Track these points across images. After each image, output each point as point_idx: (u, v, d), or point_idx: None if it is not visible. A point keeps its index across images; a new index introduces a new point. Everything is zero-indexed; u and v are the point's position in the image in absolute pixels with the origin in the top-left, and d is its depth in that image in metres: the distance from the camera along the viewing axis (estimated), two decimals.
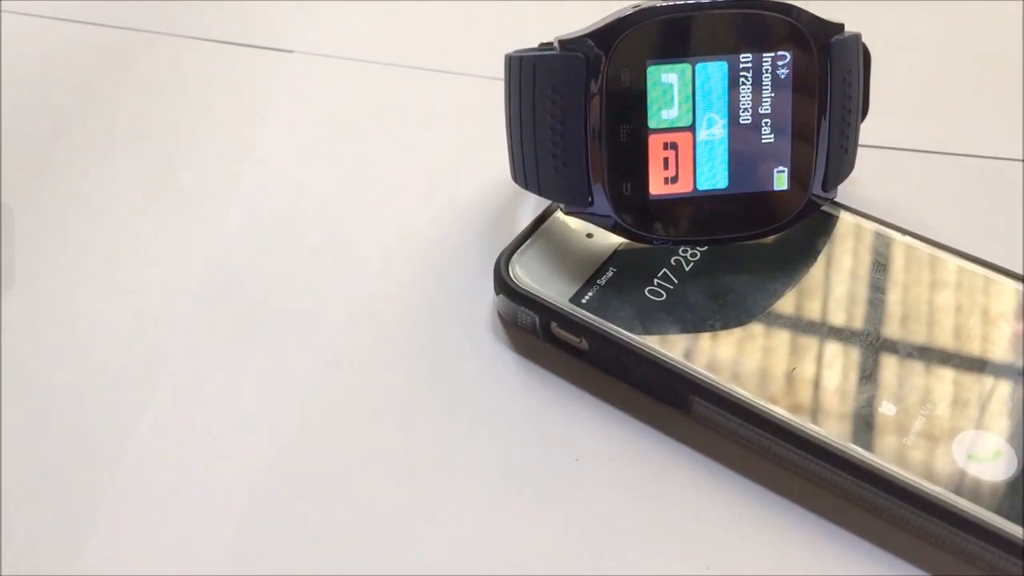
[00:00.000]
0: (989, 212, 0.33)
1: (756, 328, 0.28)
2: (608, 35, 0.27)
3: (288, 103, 0.37)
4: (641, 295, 0.28)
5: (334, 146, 0.36)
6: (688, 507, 0.26)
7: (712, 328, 0.28)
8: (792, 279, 0.29)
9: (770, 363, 0.27)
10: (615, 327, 0.27)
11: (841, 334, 0.27)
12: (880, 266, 0.29)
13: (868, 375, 0.26)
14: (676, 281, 0.29)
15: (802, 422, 0.25)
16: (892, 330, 0.28)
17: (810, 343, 0.27)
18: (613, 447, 0.27)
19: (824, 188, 0.29)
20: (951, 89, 0.38)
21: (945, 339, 0.27)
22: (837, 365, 0.27)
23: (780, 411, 0.26)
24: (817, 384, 0.26)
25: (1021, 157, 0.35)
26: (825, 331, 0.28)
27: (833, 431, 0.25)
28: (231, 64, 0.39)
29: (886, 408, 0.26)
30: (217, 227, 0.33)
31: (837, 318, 0.28)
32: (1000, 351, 0.27)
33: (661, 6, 0.27)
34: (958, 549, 0.24)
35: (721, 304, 0.28)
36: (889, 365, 0.27)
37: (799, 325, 0.28)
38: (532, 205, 0.32)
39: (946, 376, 0.26)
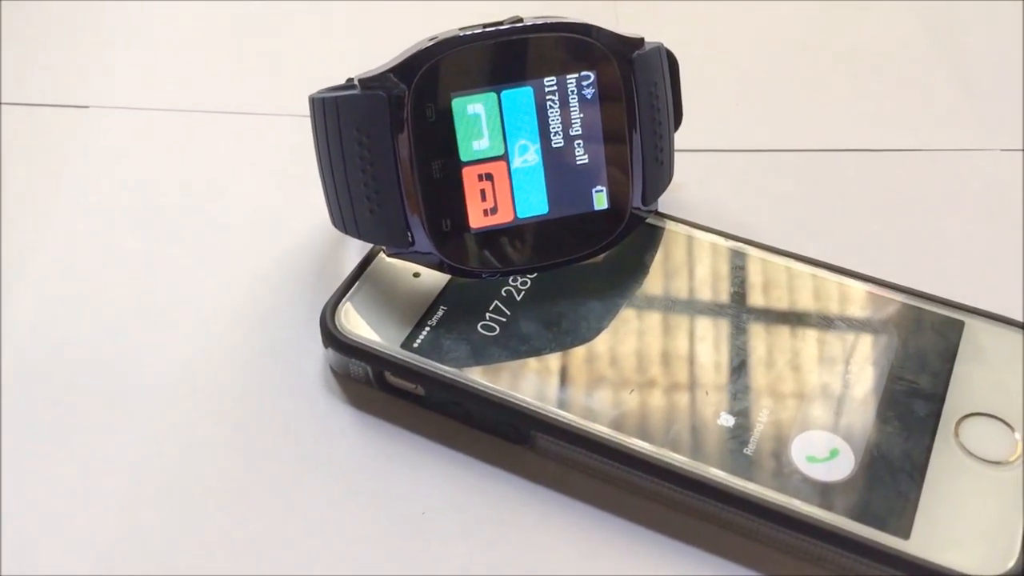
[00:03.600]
0: (807, 204, 0.33)
1: (592, 352, 0.27)
2: (408, 70, 0.26)
3: (87, 162, 0.35)
4: (474, 331, 0.28)
5: (140, 203, 0.34)
6: (542, 545, 0.25)
7: (548, 357, 0.27)
8: (625, 297, 0.29)
9: (608, 387, 0.26)
10: (450, 369, 0.27)
11: (676, 349, 0.27)
12: (711, 273, 0.29)
13: (706, 388, 0.26)
14: (509, 313, 0.28)
15: (644, 445, 0.25)
16: (726, 338, 0.28)
17: (646, 361, 0.27)
18: (460, 494, 0.26)
19: (644, 202, 0.29)
20: (762, 88, 0.38)
21: (777, 341, 0.28)
22: (674, 381, 0.27)
23: (621, 436, 0.25)
24: (656, 403, 0.26)
25: (833, 148, 0.36)
26: (660, 347, 0.27)
27: (675, 450, 0.25)
28: (21, 125, 0.36)
29: (725, 420, 0.26)
30: (16, 305, 0.30)
31: (671, 332, 0.28)
32: (830, 350, 0.27)
33: (459, 36, 0.27)
34: (810, 554, 0.24)
35: (555, 331, 0.28)
36: (725, 375, 0.27)
37: (634, 344, 0.27)
38: (356, 249, 0.31)
39: (781, 380, 0.27)
